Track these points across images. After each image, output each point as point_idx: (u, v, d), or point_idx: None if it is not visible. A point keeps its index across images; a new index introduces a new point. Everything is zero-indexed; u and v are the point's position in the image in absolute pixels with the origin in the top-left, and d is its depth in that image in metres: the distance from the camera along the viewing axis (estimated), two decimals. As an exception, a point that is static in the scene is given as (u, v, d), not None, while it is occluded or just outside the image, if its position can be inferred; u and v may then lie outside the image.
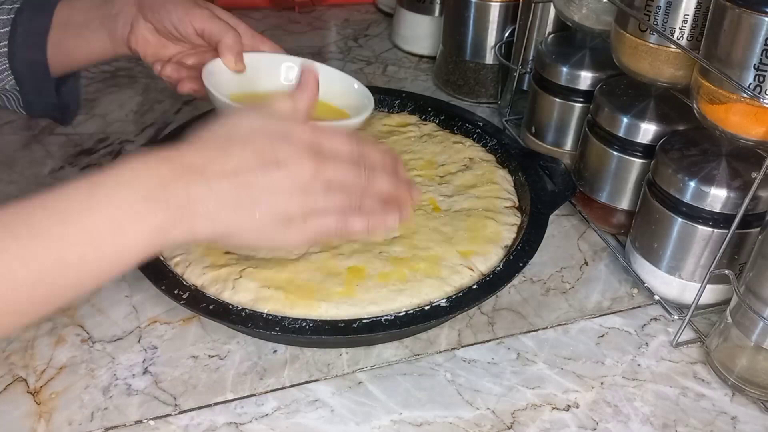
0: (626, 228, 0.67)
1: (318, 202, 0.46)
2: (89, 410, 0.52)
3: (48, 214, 0.40)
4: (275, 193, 0.45)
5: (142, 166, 0.42)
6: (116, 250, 0.41)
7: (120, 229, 0.41)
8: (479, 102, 0.91)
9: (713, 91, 0.51)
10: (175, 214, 0.42)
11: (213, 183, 0.43)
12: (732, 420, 0.53)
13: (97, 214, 0.40)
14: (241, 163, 0.44)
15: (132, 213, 0.41)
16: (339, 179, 0.47)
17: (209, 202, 0.43)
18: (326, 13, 1.16)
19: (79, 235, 0.40)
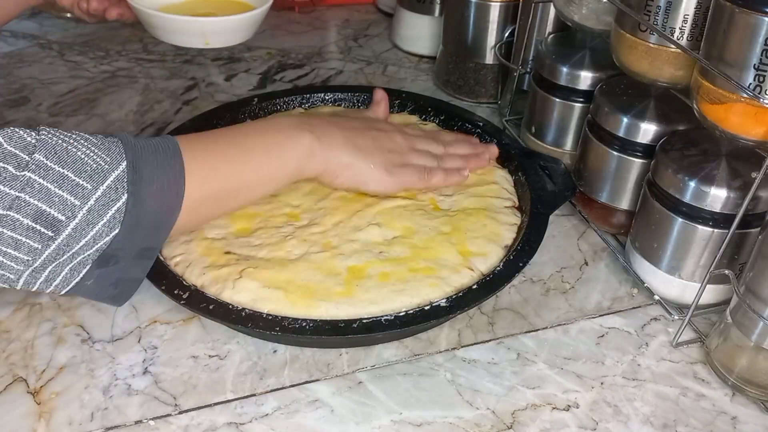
0: (626, 228, 0.67)
1: (410, 158, 0.64)
2: (89, 410, 0.52)
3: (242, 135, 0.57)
4: (382, 147, 0.63)
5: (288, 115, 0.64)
6: (280, 165, 0.56)
7: (282, 146, 0.56)
8: (479, 102, 0.91)
9: (713, 91, 0.51)
10: (317, 140, 0.58)
11: (340, 127, 0.61)
12: (732, 420, 0.53)
13: (266, 135, 0.57)
14: (356, 123, 0.64)
15: (289, 134, 0.57)
16: (423, 147, 0.66)
17: (340, 140, 0.60)
18: (326, 13, 1.16)
19: (257, 150, 0.56)
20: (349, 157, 0.60)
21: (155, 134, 0.82)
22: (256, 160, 0.55)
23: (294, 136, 0.57)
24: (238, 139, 0.56)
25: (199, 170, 0.51)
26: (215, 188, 0.53)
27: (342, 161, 0.59)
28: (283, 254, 0.59)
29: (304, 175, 0.58)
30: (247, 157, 0.55)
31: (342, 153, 0.59)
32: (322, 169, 0.59)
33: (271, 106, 0.78)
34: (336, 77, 0.97)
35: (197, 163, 0.51)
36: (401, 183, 0.63)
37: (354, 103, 0.80)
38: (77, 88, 0.91)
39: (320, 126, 0.59)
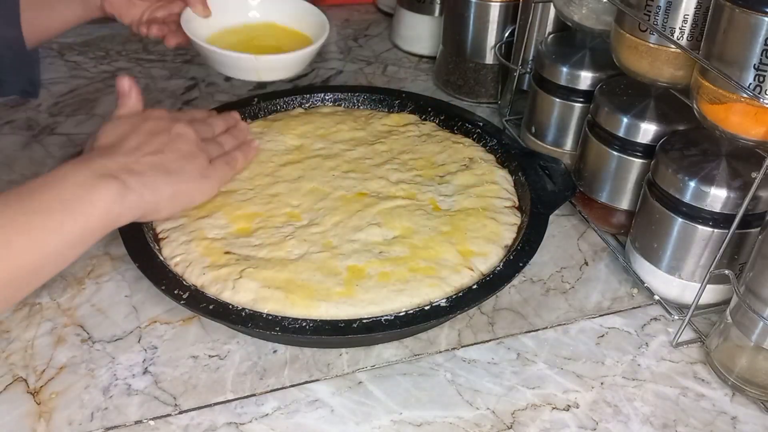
0: (626, 228, 0.67)
1: (208, 150, 0.59)
2: (89, 410, 0.52)
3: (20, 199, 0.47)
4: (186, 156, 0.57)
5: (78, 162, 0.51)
6: (86, 222, 0.48)
7: (83, 200, 0.48)
8: (479, 102, 0.91)
9: (713, 91, 0.51)
10: (122, 185, 0.50)
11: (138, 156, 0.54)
12: (732, 420, 0.53)
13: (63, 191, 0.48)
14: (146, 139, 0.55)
15: (89, 187, 0.49)
16: (203, 134, 0.60)
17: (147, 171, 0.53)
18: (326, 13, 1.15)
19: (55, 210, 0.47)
20: (168, 187, 0.54)
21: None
22: (57, 224, 0.47)
23: (97, 187, 0.49)
24: (29, 205, 0.46)
25: None
26: (17, 267, 0.45)
27: (163, 195, 0.54)
28: (283, 254, 0.59)
29: (121, 223, 0.52)
30: (45, 223, 0.46)
31: (160, 187, 0.53)
32: (141, 211, 0.53)
33: (271, 106, 0.78)
34: (336, 77, 0.97)
35: None
36: (219, 181, 0.60)
37: (354, 103, 0.80)
38: (77, 88, 0.91)
39: (124, 167, 0.52)
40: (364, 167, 0.69)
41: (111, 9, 0.71)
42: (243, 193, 0.65)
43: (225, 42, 0.71)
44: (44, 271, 0.48)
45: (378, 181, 0.67)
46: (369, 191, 0.66)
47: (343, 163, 0.69)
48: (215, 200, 0.64)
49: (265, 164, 0.69)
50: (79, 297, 0.61)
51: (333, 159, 0.70)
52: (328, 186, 0.66)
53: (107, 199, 0.49)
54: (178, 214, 0.60)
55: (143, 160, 0.54)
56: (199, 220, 0.62)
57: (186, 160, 0.56)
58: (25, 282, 0.46)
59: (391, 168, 0.69)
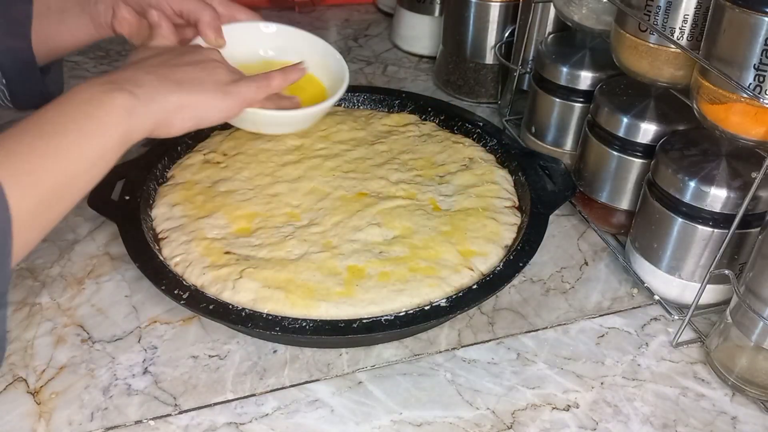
0: (626, 228, 0.67)
1: (234, 72, 0.55)
2: (89, 410, 0.52)
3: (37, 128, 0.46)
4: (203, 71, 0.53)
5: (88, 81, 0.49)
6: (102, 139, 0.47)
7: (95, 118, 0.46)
8: (479, 102, 0.91)
9: (713, 91, 0.51)
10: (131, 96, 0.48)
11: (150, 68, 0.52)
12: (732, 420, 0.53)
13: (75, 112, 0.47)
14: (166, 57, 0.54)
15: (99, 104, 0.47)
16: None
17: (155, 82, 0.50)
18: (326, 13, 1.16)
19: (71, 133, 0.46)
20: (175, 96, 0.50)
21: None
22: (74, 143, 0.46)
23: (104, 102, 0.47)
24: (44, 129, 0.46)
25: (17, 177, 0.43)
26: (45, 190, 0.44)
27: (170, 105, 0.50)
28: (283, 254, 0.59)
29: (136, 137, 0.49)
30: (63, 144, 0.46)
31: (166, 96, 0.50)
32: (152, 123, 0.50)
33: (271, 106, 0.78)
34: (336, 77, 0.97)
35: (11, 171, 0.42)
36: (242, 99, 0.54)
37: (354, 103, 0.80)
38: (77, 88, 0.90)
39: (129, 78, 0.50)
40: (365, 167, 0.69)
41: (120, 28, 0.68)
42: (243, 193, 0.65)
43: None
44: (69, 194, 0.47)
45: (378, 181, 0.67)
46: (369, 191, 0.66)
47: (343, 163, 0.69)
48: (215, 200, 0.64)
49: (266, 164, 0.69)
50: (79, 297, 0.61)
51: (333, 159, 0.70)
52: (329, 186, 0.66)
53: (115, 113, 0.48)
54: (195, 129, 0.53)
55: (151, 71, 0.51)
56: (199, 220, 0.62)
57: (202, 72, 0.53)
58: (54, 205, 0.46)
59: (392, 168, 0.69)
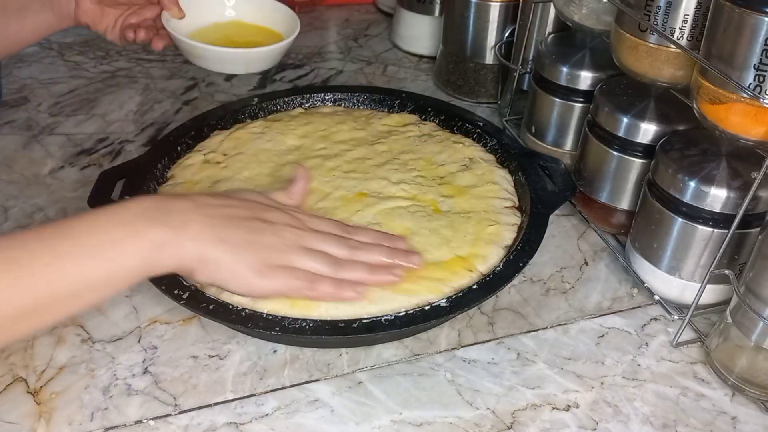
0: (626, 228, 0.67)
1: (295, 259, 0.52)
2: (89, 410, 0.52)
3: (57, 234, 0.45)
4: (258, 242, 0.51)
5: (142, 198, 0.49)
6: (115, 265, 0.46)
7: (120, 243, 0.46)
8: (479, 102, 0.91)
9: (713, 91, 0.51)
10: (168, 232, 0.47)
11: (206, 215, 0.50)
12: (732, 420, 0.53)
13: (104, 231, 0.46)
14: (234, 211, 0.52)
15: (132, 230, 0.46)
16: (320, 247, 0.53)
17: (200, 229, 0.49)
18: (326, 13, 1.16)
19: (84, 250, 0.45)
20: (209, 249, 0.49)
21: (155, 134, 0.82)
22: (80, 265, 0.44)
23: (139, 231, 0.46)
24: (52, 241, 0.44)
25: None
26: (18, 306, 0.43)
27: (201, 255, 0.49)
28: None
29: (154, 272, 0.48)
30: (63, 263, 0.44)
31: (201, 246, 0.48)
32: (175, 265, 0.49)
33: (271, 106, 0.78)
34: (336, 77, 0.97)
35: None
36: (274, 288, 0.52)
37: (354, 103, 0.80)
38: (77, 88, 0.91)
39: (180, 214, 0.49)
40: (365, 167, 0.69)
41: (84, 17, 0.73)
42: (243, 193, 0.65)
43: (206, 40, 0.76)
44: (56, 311, 0.45)
45: (378, 181, 0.67)
46: (369, 191, 0.66)
47: (343, 164, 0.69)
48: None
49: (266, 164, 0.69)
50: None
51: (333, 159, 0.70)
52: (329, 186, 0.66)
53: (145, 247, 0.46)
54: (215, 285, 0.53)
55: (207, 214, 0.50)
56: (199, 220, 0.62)
57: (252, 246, 0.51)
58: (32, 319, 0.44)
59: (392, 168, 0.69)
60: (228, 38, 0.81)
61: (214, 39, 0.79)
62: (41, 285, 0.43)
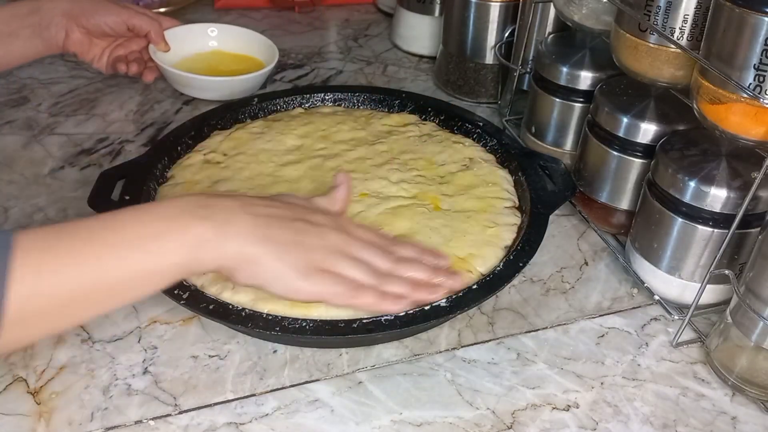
0: (626, 228, 0.67)
1: (338, 265, 0.51)
2: (89, 410, 0.52)
3: (103, 226, 0.45)
4: (301, 243, 0.50)
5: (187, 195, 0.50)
6: (157, 260, 0.45)
7: (164, 236, 0.45)
8: (479, 102, 0.91)
9: (713, 91, 0.51)
10: (212, 229, 0.47)
11: (250, 214, 0.49)
12: (732, 420, 0.53)
13: (147, 224, 0.46)
14: (279, 211, 0.51)
15: (175, 225, 0.46)
16: (363, 256, 0.52)
17: (244, 227, 0.48)
18: (326, 13, 1.16)
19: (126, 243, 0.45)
20: (253, 248, 0.48)
21: (155, 134, 0.82)
22: (120, 257, 0.44)
23: (182, 226, 0.46)
24: (99, 232, 0.45)
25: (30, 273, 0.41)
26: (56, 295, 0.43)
27: (243, 254, 0.48)
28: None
29: (197, 271, 0.49)
30: (107, 254, 0.44)
31: (244, 244, 0.48)
32: (217, 263, 0.48)
33: (271, 106, 0.78)
34: (336, 77, 0.97)
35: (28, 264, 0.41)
36: (317, 292, 0.50)
37: (354, 103, 0.80)
38: (77, 88, 0.91)
39: (224, 211, 0.48)
40: (365, 167, 0.69)
41: (73, 47, 0.79)
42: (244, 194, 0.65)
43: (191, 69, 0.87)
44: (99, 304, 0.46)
45: (379, 181, 0.67)
46: (370, 191, 0.66)
47: (344, 164, 0.69)
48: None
49: (266, 164, 0.69)
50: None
51: (334, 159, 0.70)
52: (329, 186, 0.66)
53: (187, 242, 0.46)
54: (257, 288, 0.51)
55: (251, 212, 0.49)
56: (199, 220, 0.62)
57: (298, 247, 0.49)
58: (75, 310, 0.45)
59: (392, 168, 0.69)
60: (211, 67, 0.90)
61: (199, 68, 0.88)
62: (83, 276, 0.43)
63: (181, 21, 0.90)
